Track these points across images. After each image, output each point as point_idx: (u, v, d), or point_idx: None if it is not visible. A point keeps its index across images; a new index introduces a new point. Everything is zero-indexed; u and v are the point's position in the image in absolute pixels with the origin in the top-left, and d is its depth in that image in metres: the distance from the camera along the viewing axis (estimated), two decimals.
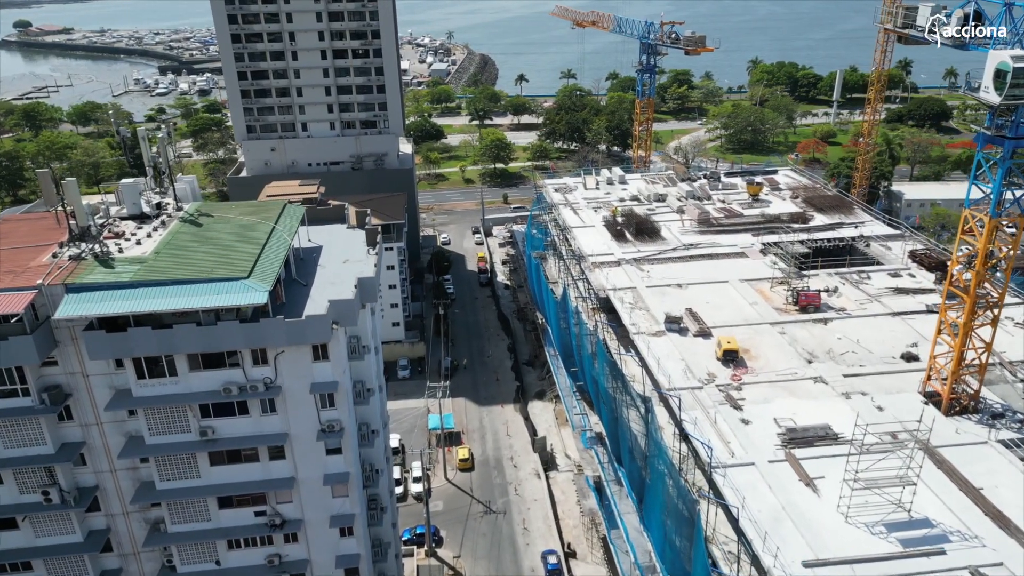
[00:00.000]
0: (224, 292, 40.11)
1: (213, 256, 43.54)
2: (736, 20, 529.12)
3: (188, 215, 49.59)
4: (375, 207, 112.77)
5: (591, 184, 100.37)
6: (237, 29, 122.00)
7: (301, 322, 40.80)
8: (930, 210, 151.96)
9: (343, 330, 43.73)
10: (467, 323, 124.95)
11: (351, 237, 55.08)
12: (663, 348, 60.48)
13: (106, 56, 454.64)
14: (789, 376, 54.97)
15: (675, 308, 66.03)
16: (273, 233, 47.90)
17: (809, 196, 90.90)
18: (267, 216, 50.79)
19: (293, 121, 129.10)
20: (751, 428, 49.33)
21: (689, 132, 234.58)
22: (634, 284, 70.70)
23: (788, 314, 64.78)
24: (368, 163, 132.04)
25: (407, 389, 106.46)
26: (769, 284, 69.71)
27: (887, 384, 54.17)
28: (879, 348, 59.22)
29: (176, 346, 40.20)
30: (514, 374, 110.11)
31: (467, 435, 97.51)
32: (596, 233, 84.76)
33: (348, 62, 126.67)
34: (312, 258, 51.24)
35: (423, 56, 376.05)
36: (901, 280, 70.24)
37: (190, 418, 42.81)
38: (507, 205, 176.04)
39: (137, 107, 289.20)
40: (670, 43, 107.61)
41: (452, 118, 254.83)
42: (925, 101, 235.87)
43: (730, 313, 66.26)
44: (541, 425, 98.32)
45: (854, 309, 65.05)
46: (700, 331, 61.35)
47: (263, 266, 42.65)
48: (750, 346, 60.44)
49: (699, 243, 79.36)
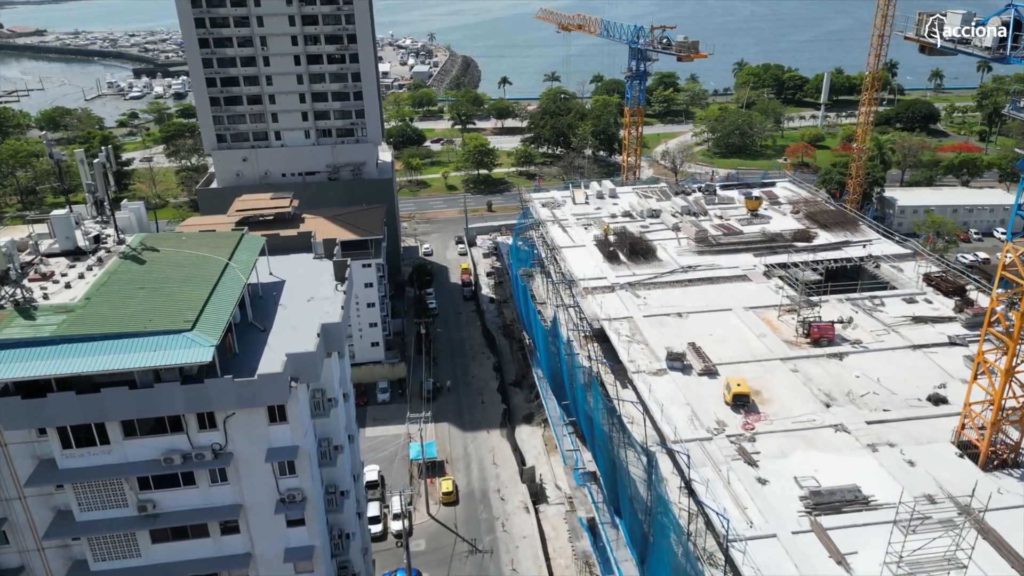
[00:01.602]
0: (163, 348, 34.41)
1: (153, 302, 37.81)
2: (719, 21, 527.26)
3: (130, 250, 43.72)
4: (352, 221, 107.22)
5: (580, 198, 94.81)
6: (205, 33, 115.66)
7: (254, 382, 35.17)
8: (923, 216, 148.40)
9: (305, 386, 38.15)
10: (451, 340, 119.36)
11: (318, 269, 49.50)
12: (666, 390, 54.88)
13: (80, 59, 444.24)
14: (807, 423, 49.72)
15: (676, 342, 60.76)
16: (226, 271, 42.21)
17: (811, 211, 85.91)
18: (221, 249, 45.07)
19: (266, 130, 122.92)
20: (769, 489, 44.07)
21: (676, 136, 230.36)
22: (630, 313, 65.19)
23: (800, 348, 59.45)
24: (345, 173, 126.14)
25: (387, 414, 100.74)
26: (776, 312, 64.42)
27: (915, 432, 49.08)
28: (902, 388, 54.11)
29: (105, 413, 34.51)
30: (500, 396, 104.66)
31: (451, 464, 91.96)
32: (587, 254, 79.22)
33: (323, 67, 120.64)
34: (272, 296, 45.59)
35: (404, 58, 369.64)
36: (918, 307, 65.05)
37: (127, 491, 37.08)
38: (491, 213, 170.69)
39: (110, 111, 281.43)
40: (661, 48, 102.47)
41: (434, 122, 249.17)
42: (913, 103, 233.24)
43: (736, 347, 61.03)
44: (529, 452, 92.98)
45: (871, 342, 59.79)
46: (705, 369, 55.94)
47: (211, 314, 36.97)
48: (761, 386, 55.17)
49: (697, 265, 73.96)
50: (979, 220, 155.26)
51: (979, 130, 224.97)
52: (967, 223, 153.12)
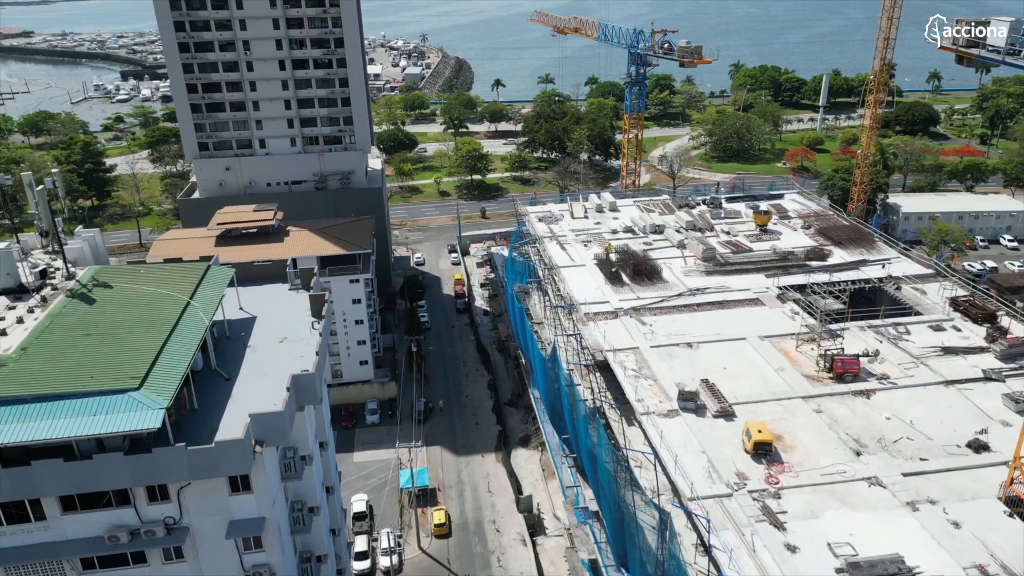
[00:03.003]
0: (104, 412, 29.67)
1: (98, 352, 33.06)
2: (714, 22, 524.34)
3: (79, 287, 38.94)
4: (339, 233, 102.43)
5: (579, 212, 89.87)
6: (185, 37, 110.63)
7: (210, 451, 30.44)
8: (929, 224, 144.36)
9: (273, 448, 33.48)
10: (443, 356, 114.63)
11: (293, 303, 44.78)
12: (678, 434, 50.01)
13: (67, 61, 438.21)
14: (836, 475, 44.96)
15: (687, 377, 56.01)
16: (187, 311, 37.47)
17: (823, 227, 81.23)
18: (183, 284, 40.32)
19: (250, 137, 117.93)
20: (800, 558, 39.34)
21: (672, 139, 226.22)
22: (636, 343, 60.45)
23: (822, 384, 54.73)
24: (333, 182, 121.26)
25: (376, 437, 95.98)
26: (794, 342, 59.85)
27: (958, 486, 44.50)
28: (938, 432, 49.46)
29: (37, 488, 29.78)
30: (495, 416, 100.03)
31: (443, 492, 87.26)
32: (588, 274, 74.28)
33: (309, 73, 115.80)
34: (241, 337, 40.84)
35: (396, 60, 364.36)
36: (946, 335, 60.47)
37: (67, 571, 32.29)
38: (485, 220, 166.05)
39: (97, 115, 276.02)
40: (662, 54, 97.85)
41: (426, 125, 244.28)
42: (912, 106, 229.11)
43: (753, 383, 55.74)
44: (526, 479, 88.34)
45: (898, 376, 55.06)
46: (721, 410, 51.21)
47: (165, 367, 32.23)
48: (783, 430, 50.31)
49: (706, 287, 68.99)
50: (985, 227, 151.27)
51: (980, 133, 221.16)
52: (972, 230, 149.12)
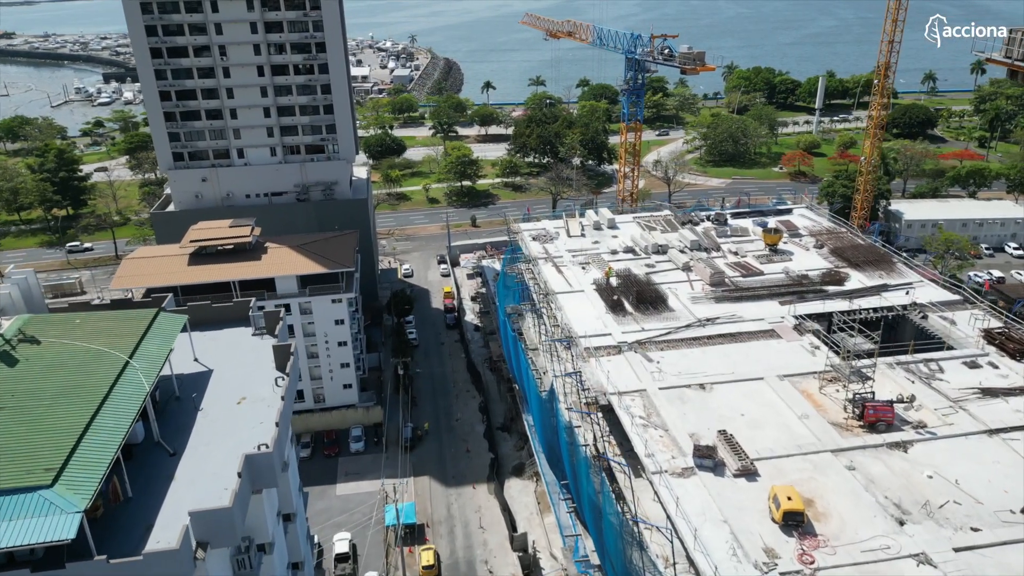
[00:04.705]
0: (6, 517, 24.16)
1: (9, 434, 27.54)
2: (705, 22, 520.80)
3: (1, 343, 33.39)
4: (320, 250, 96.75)
5: (575, 230, 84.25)
6: (157, 43, 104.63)
7: (138, 564, 24.95)
8: (933, 232, 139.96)
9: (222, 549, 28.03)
10: (432, 376, 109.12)
11: (256, 352, 39.36)
12: (695, 500, 44.25)
13: (49, 63, 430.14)
14: (879, 551, 39.21)
15: (702, 426, 50.57)
16: (125, 373, 31.97)
17: (838, 246, 75.87)
18: (125, 336, 34.80)
19: (227, 147, 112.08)
20: None
21: (666, 143, 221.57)
22: (643, 384, 54.96)
23: (852, 434, 49.14)
24: (316, 193, 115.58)
25: (361, 466, 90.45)
26: (817, 382, 54.62)
27: (1016, 564, 38.83)
28: (987, 494, 44.03)
29: None
30: (487, 442, 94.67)
31: (432, 528, 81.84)
32: (587, 301, 68.87)
33: (290, 79, 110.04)
34: (192, 397, 35.37)
35: (385, 61, 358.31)
36: (983, 373, 55.25)
37: None
38: (476, 228, 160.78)
39: (77, 118, 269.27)
40: (662, 60, 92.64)
41: (415, 129, 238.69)
42: (910, 108, 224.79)
43: (775, 434, 50.21)
44: (520, 513, 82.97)
45: (936, 424, 49.45)
46: (742, 469, 45.41)
47: (88, 455, 26.74)
48: (813, 492, 44.22)
49: (716, 316, 63.45)
50: (989, 235, 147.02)
51: (979, 136, 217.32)
52: (977, 238, 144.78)
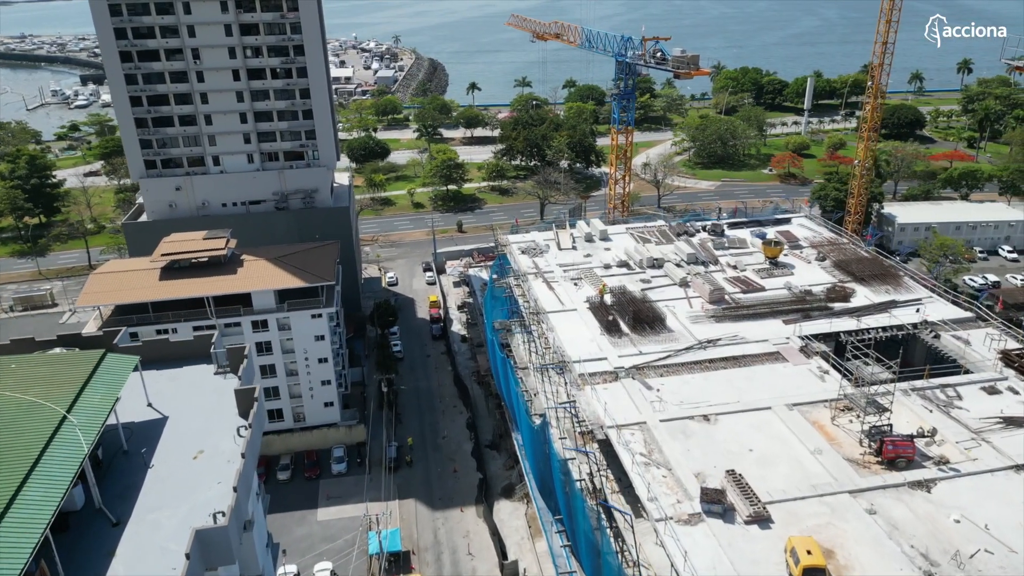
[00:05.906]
0: None
1: None
2: (689, 22, 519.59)
3: None
4: (299, 263, 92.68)
5: (566, 242, 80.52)
6: (127, 46, 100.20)
7: None
8: (926, 235, 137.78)
9: None
10: (418, 391, 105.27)
11: (218, 393, 35.55)
12: (705, 552, 40.43)
13: (26, 64, 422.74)
14: None
15: (708, 464, 46.91)
16: (61, 430, 28.09)
17: (841, 259, 72.65)
18: (65, 383, 30.95)
19: (202, 154, 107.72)
20: None
21: (654, 145, 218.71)
22: (643, 415, 51.24)
23: (871, 472, 45.38)
24: (295, 201, 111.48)
25: (343, 489, 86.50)
26: (828, 412, 51.20)
27: None
28: (1019, 540, 40.26)
29: None
30: (475, 461, 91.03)
31: (418, 556, 78.11)
32: (580, 321, 65.19)
33: (267, 83, 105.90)
34: (141, 452, 31.52)
35: (368, 62, 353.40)
36: (1003, 400, 52.00)
37: None
38: (462, 234, 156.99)
39: (53, 122, 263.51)
40: (655, 64, 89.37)
41: (399, 131, 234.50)
42: (898, 108, 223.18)
43: (788, 473, 46.44)
44: (511, 537, 79.39)
45: (959, 460, 45.99)
46: (754, 515, 41.59)
47: (6, 539, 22.89)
48: (832, 541, 40.38)
49: (717, 338, 59.63)
50: (983, 237, 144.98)
51: (967, 136, 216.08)
52: (970, 241, 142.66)
